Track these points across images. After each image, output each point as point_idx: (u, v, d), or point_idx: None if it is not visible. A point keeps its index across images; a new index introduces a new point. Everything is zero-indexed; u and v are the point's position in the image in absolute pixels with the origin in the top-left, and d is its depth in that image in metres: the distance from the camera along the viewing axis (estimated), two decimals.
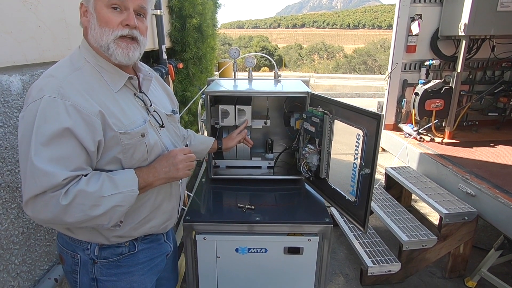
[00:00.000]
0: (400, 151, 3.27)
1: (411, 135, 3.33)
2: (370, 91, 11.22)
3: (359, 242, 2.51)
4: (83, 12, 1.00)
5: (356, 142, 1.34)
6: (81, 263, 1.10)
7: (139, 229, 1.12)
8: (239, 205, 1.55)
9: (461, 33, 2.99)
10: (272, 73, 2.04)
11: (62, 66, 0.98)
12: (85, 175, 0.94)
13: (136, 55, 1.03)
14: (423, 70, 3.45)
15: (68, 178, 0.89)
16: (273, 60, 2.26)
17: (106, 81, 1.01)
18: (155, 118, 1.13)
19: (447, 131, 3.31)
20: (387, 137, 3.57)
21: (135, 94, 1.09)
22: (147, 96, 1.12)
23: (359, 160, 1.34)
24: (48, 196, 0.88)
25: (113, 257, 1.11)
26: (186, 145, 1.26)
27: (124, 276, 1.14)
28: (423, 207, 3.39)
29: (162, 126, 1.15)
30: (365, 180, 1.32)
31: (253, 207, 1.54)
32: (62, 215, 0.90)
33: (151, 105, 1.12)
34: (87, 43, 1.02)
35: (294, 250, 1.48)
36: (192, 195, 1.67)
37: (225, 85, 1.83)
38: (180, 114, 2.79)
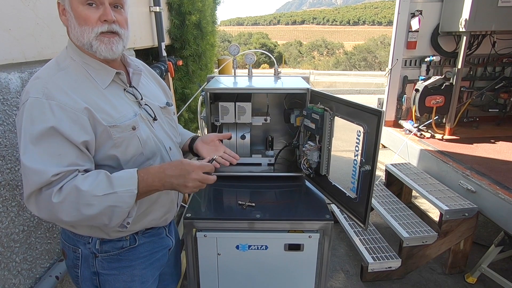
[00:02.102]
0: (401, 147, 3.27)
1: (411, 132, 3.33)
2: (370, 88, 11.20)
3: (360, 239, 2.51)
4: (61, 11, 0.98)
5: (357, 138, 1.34)
6: (83, 257, 1.11)
7: (138, 222, 1.12)
8: (240, 202, 1.55)
9: (461, 29, 2.98)
10: (272, 70, 2.03)
11: (48, 67, 0.99)
12: (84, 171, 0.94)
13: (120, 48, 1.01)
14: (424, 67, 3.44)
15: (59, 174, 0.89)
16: (273, 57, 2.25)
17: (94, 78, 1.01)
18: (147, 111, 1.12)
19: (447, 127, 3.31)
20: (387, 134, 3.56)
21: (125, 89, 1.08)
22: (138, 90, 1.11)
23: (359, 156, 1.34)
24: (44, 194, 0.89)
25: (114, 251, 1.11)
26: (213, 159, 1.14)
27: (125, 270, 1.15)
28: (423, 203, 3.39)
29: (154, 119, 1.14)
30: (366, 177, 1.32)
31: (253, 204, 1.53)
32: (56, 213, 0.90)
33: (142, 99, 1.11)
34: (72, 42, 1.01)
35: (294, 247, 1.48)
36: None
37: (225, 82, 1.83)
38: (180, 111, 2.79)
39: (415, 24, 3.28)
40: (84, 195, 0.89)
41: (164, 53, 2.50)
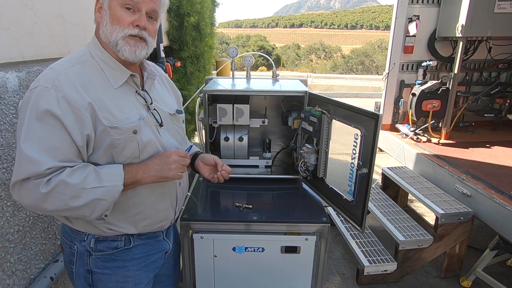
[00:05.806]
0: (397, 151, 3.28)
1: (408, 136, 3.34)
2: (367, 91, 11.25)
3: (356, 242, 2.51)
4: (98, 8, 1.03)
5: (354, 142, 1.35)
6: (78, 254, 1.12)
7: (132, 225, 1.12)
8: (237, 204, 1.55)
9: (458, 34, 3.01)
10: (270, 73, 2.04)
11: (66, 59, 1.02)
12: (72, 166, 0.96)
13: (143, 54, 1.06)
14: (420, 71, 3.46)
15: (52, 168, 0.92)
16: (271, 60, 2.26)
17: (107, 77, 1.03)
18: (154, 116, 1.13)
19: (443, 131, 3.33)
20: (384, 137, 3.58)
21: (136, 92, 1.11)
22: (149, 94, 1.13)
23: (356, 159, 1.35)
24: (31, 183, 0.91)
25: (108, 250, 1.12)
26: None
27: (119, 270, 1.15)
28: (419, 207, 3.40)
29: (161, 125, 1.15)
30: (363, 180, 1.32)
31: (250, 206, 1.53)
32: (41, 203, 0.93)
33: (151, 103, 1.13)
34: (97, 39, 1.05)
35: (291, 249, 1.48)
36: (189, 194, 1.67)
37: (223, 84, 1.83)
38: None
39: (412, 29, 3.30)
40: (73, 187, 0.93)
41: (163, 54, 2.50)
